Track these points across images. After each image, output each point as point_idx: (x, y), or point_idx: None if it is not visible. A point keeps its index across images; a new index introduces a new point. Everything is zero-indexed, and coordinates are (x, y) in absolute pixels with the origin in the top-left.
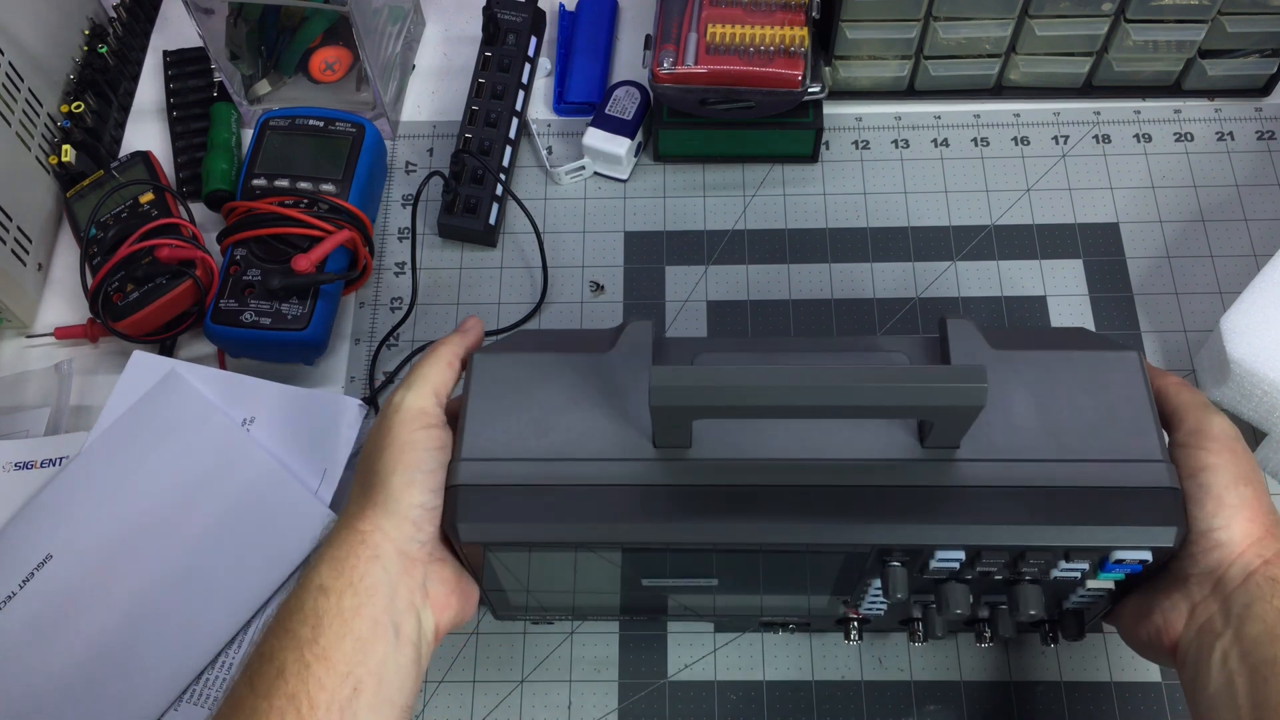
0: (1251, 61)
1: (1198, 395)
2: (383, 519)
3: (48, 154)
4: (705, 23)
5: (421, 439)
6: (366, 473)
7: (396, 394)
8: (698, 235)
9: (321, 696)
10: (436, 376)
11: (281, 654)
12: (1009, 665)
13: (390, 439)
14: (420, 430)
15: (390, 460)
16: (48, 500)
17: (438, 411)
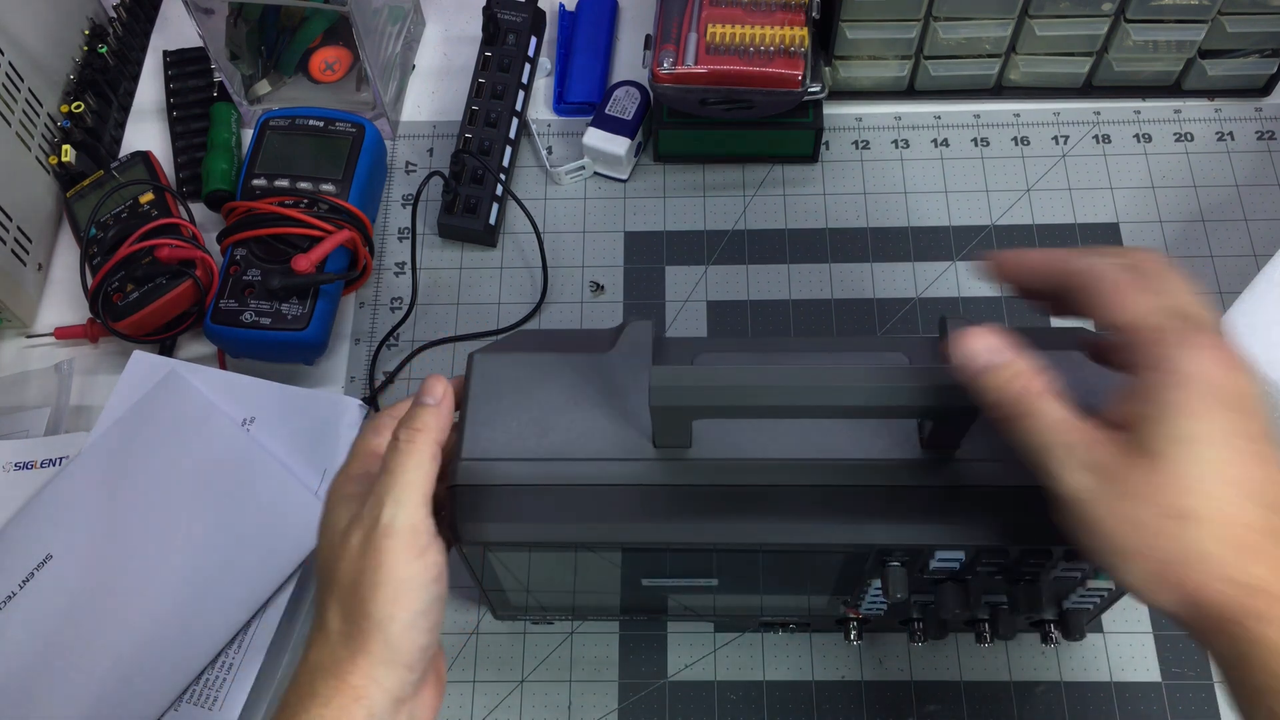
0: (1251, 61)
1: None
2: (378, 669)
3: (48, 154)
4: (705, 23)
5: (419, 572)
6: (352, 609)
7: (383, 510)
8: (698, 235)
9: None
10: (424, 481)
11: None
12: (1009, 665)
13: (384, 575)
14: (417, 560)
15: (386, 602)
16: (48, 500)
17: (430, 525)
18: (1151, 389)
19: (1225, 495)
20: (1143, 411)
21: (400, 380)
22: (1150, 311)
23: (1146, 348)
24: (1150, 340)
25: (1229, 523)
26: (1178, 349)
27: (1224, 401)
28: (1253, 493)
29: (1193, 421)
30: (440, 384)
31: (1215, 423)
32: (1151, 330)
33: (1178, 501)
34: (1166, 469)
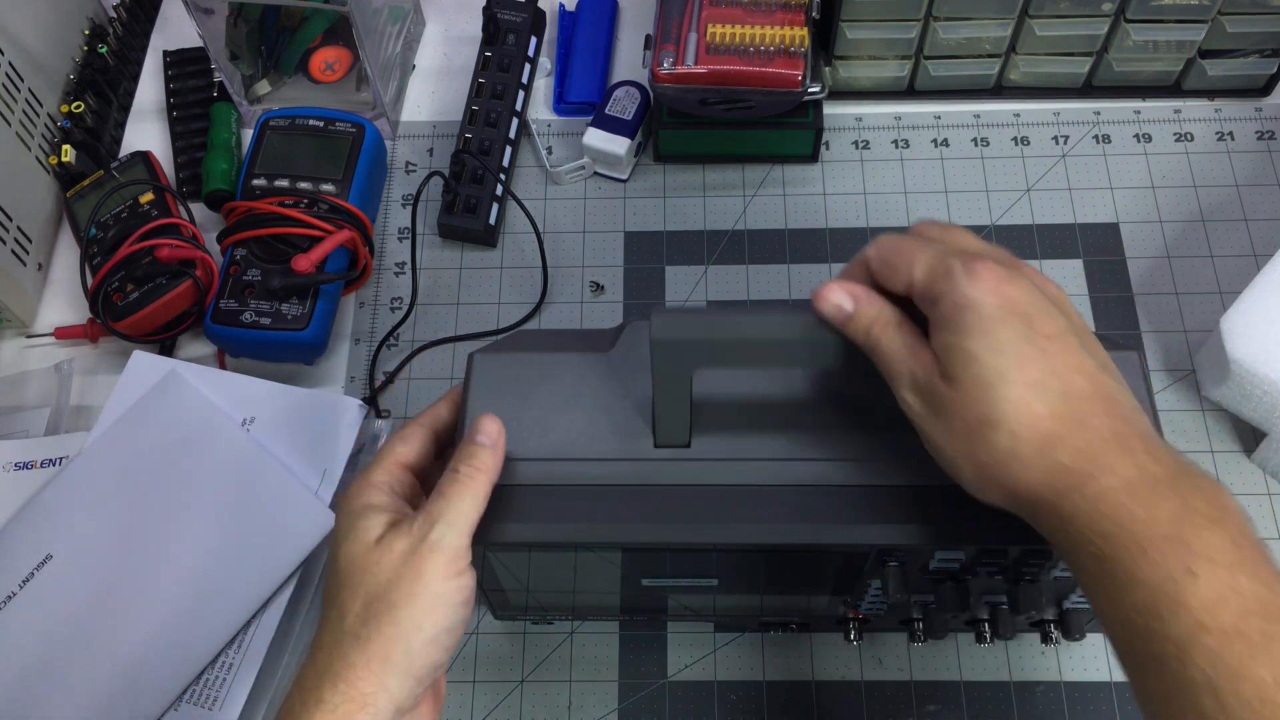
0: (1251, 61)
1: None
2: (391, 678)
3: (48, 154)
4: (705, 23)
5: (453, 591)
6: (379, 614)
7: (434, 529)
8: (698, 235)
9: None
10: (475, 513)
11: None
12: (1009, 665)
13: (422, 586)
14: (454, 579)
15: (419, 612)
16: (48, 500)
17: (469, 554)
18: (943, 320)
19: (1018, 395)
20: (940, 340)
21: (400, 380)
22: (931, 260)
23: (933, 288)
24: (935, 281)
25: (1025, 419)
26: (957, 280)
27: (1002, 314)
28: (1041, 387)
29: (977, 339)
30: (495, 425)
31: (997, 334)
32: (934, 272)
33: (979, 411)
34: (966, 385)
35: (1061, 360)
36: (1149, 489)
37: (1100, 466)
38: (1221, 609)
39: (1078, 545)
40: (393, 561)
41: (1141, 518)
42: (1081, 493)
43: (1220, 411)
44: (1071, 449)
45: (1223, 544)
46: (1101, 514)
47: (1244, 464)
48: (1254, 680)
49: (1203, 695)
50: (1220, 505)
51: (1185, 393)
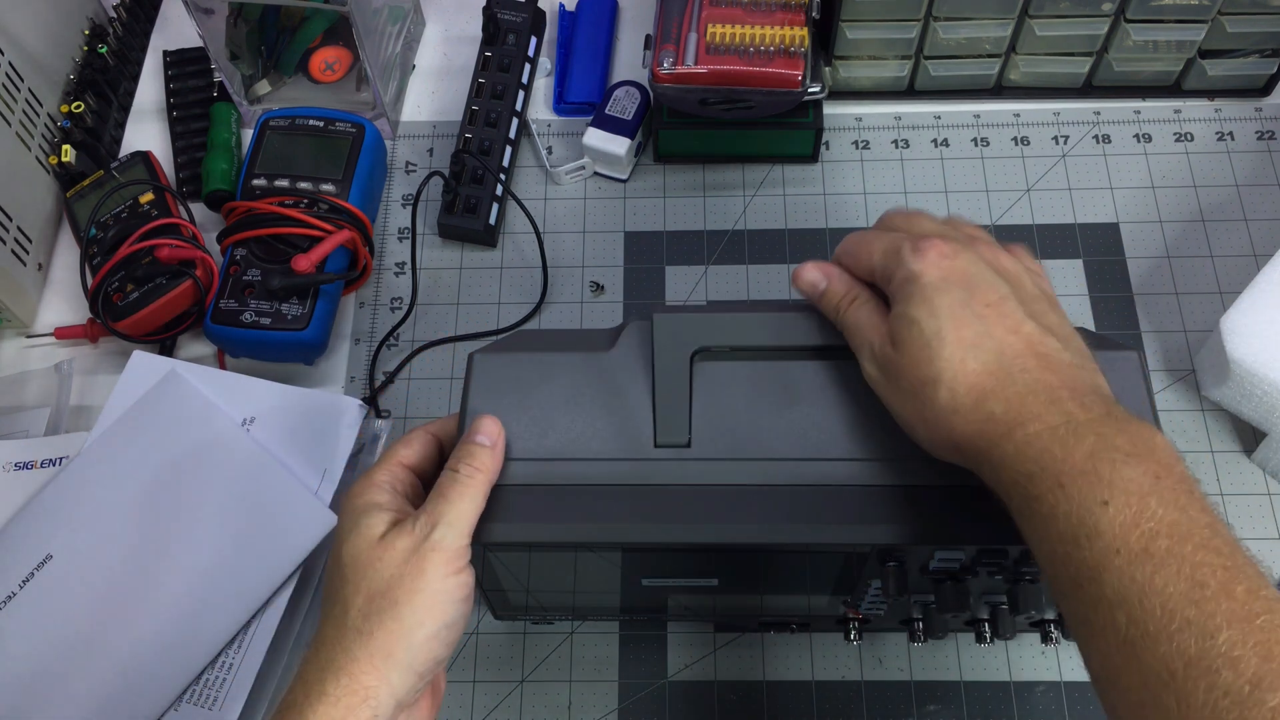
0: (1251, 61)
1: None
2: (394, 673)
3: (48, 154)
4: (705, 23)
5: (454, 588)
6: (381, 610)
7: (435, 529)
8: (698, 235)
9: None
10: (474, 513)
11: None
12: (1009, 665)
13: (424, 583)
14: (454, 576)
15: (421, 608)
16: (48, 500)
17: (469, 553)
18: (893, 294)
19: (954, 355)
20: (892, 312)
21: (400, 380)
22: (886, 244)
23: (887, 268)
24: (888, 261)
25: (960, 375)
26: (905, 258)
27: (942, 284)
28: (975, 346)
29: (918, 306)
30: (495, 425)
31: (936, 302)
32: (888, 254)
33: (923, 371)
34: (911, 349)
35: (998, 323)
36: (1070, 432)
37: (1027, 415)
38: (1130, 532)
39: (1010, 489)
40: (395, 559)
41: (1060, 457)
42: (1011, 439)
43: (1220, 411)
44: (1002, 400)
45: (1138, 476)
46: (1027, 457)
47: (1244, 464)
48: (1161, 594)
49: (1115, 611)
50: (1145, 443)
51: (1185, 393)
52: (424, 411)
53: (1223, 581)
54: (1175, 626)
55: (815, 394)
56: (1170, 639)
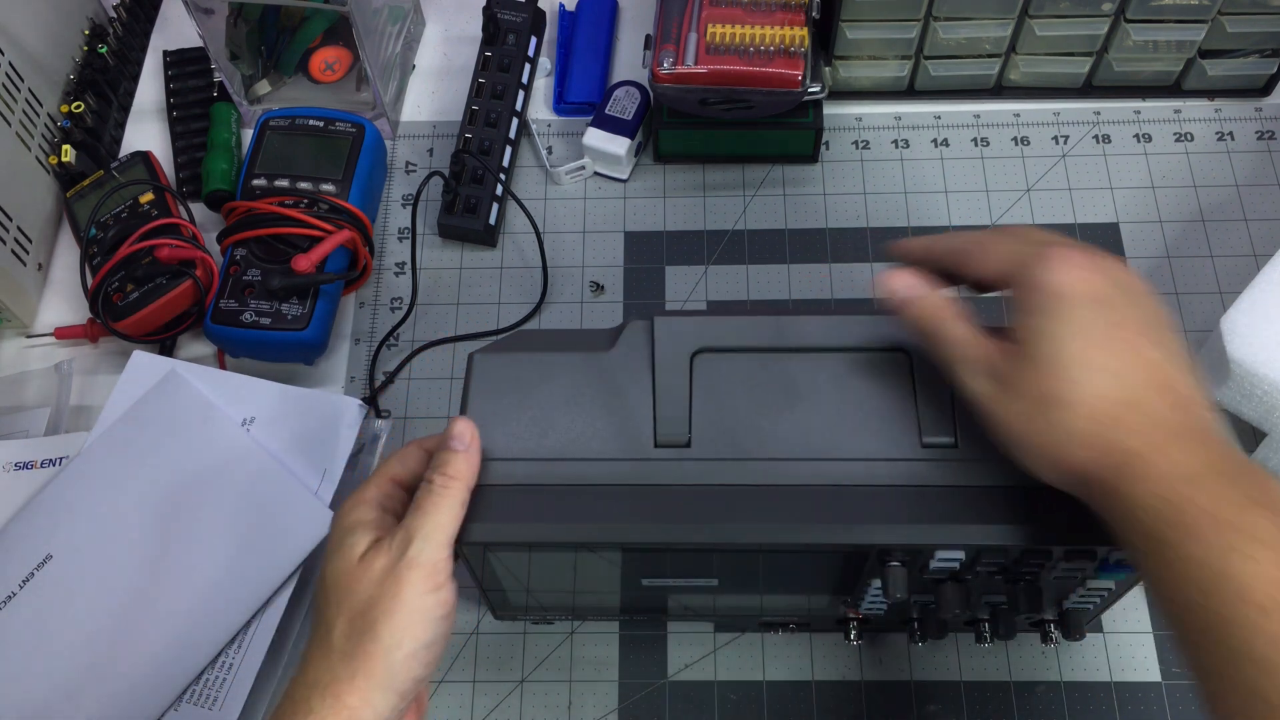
0: (1251, 61)
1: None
2: (375, 693)
3: (48, 154)
4: (705, 23)
5: (432, 606)
6: (360, 630)
7: (411, 544)
8: (698, 235)
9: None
10: (451, 524)
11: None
12: (1009, 665)
13: (400, 603)
14: (432, 594)
15: (399, 629)
16: (48, 500)
17: (449, 566)
18: (1023, 304)
19: (1087, 378)
20: (1020, 324)
21: (400, 380)
22: (1013, 248)
23: (1016, 274)
24: (1018, 268)
25: (1091, 400)
26: (1037, 266)
27: (1081, 300)
28: (1111, 371)
29: (1055, 321)
30: (468, 428)
31: (1075, 319)
32: (1017, 259)
33: (1049, 390)
34: (1039, 365)
35: (1131, 347)
36: (1211, 477)
37: (1155, 449)
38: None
39: (1129, 522)
40: (373, 578)
41: (1202, 505)
42: (1135, 472)
43: (1220, 411)
44: (1129, 430)
45: (1270, 526)
46: (1153, 493)
47: None
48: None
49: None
50: (1268, 491)
51: None
52: (424, 411)
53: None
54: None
55: (815, 394)
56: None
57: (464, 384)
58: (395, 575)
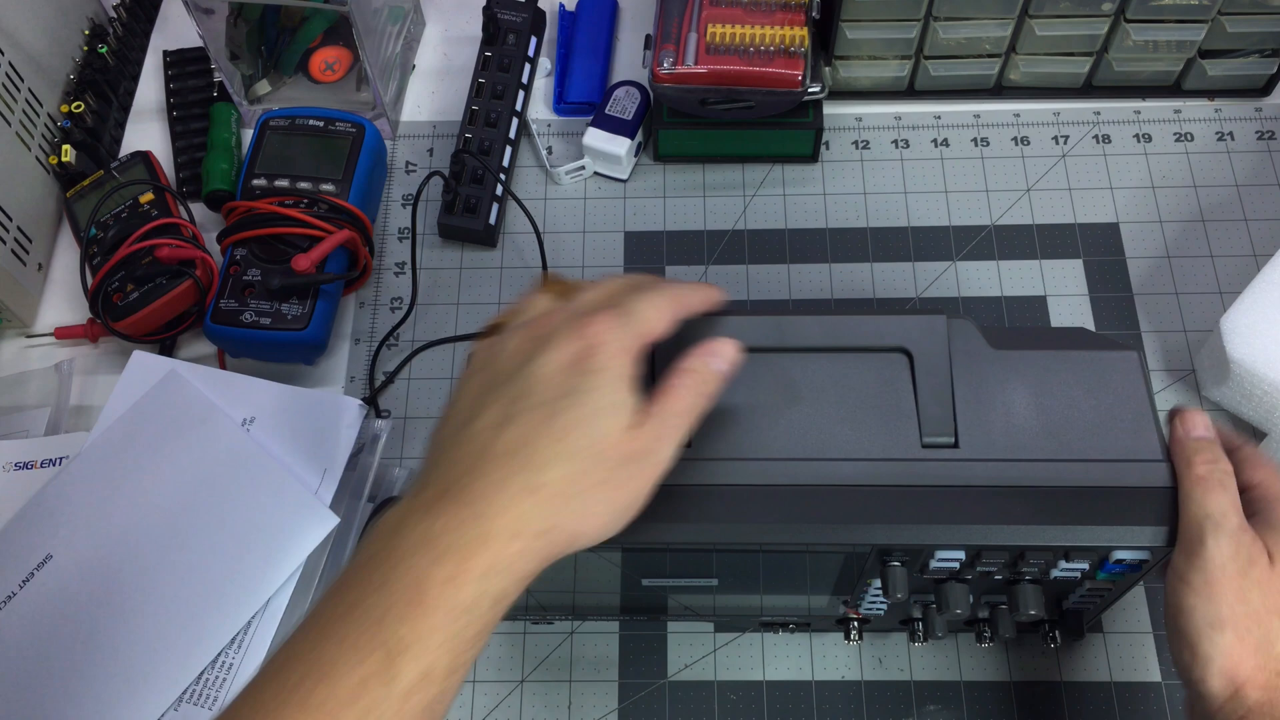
0: (1251, 61)
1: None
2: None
3: (48, 154)
4: (705, 23)
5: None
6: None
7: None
8: (698, 235)
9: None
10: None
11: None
12: (1009, 665)
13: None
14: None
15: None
16: (48, 500)
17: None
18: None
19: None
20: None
21: (400, 380)
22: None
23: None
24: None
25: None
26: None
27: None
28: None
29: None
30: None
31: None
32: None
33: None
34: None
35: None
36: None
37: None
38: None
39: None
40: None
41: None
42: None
43: (1220, 411)
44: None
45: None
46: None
47: None
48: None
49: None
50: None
51: (1185, 393)
52: (424, 411)
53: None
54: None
55: (815, 394)
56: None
57: None
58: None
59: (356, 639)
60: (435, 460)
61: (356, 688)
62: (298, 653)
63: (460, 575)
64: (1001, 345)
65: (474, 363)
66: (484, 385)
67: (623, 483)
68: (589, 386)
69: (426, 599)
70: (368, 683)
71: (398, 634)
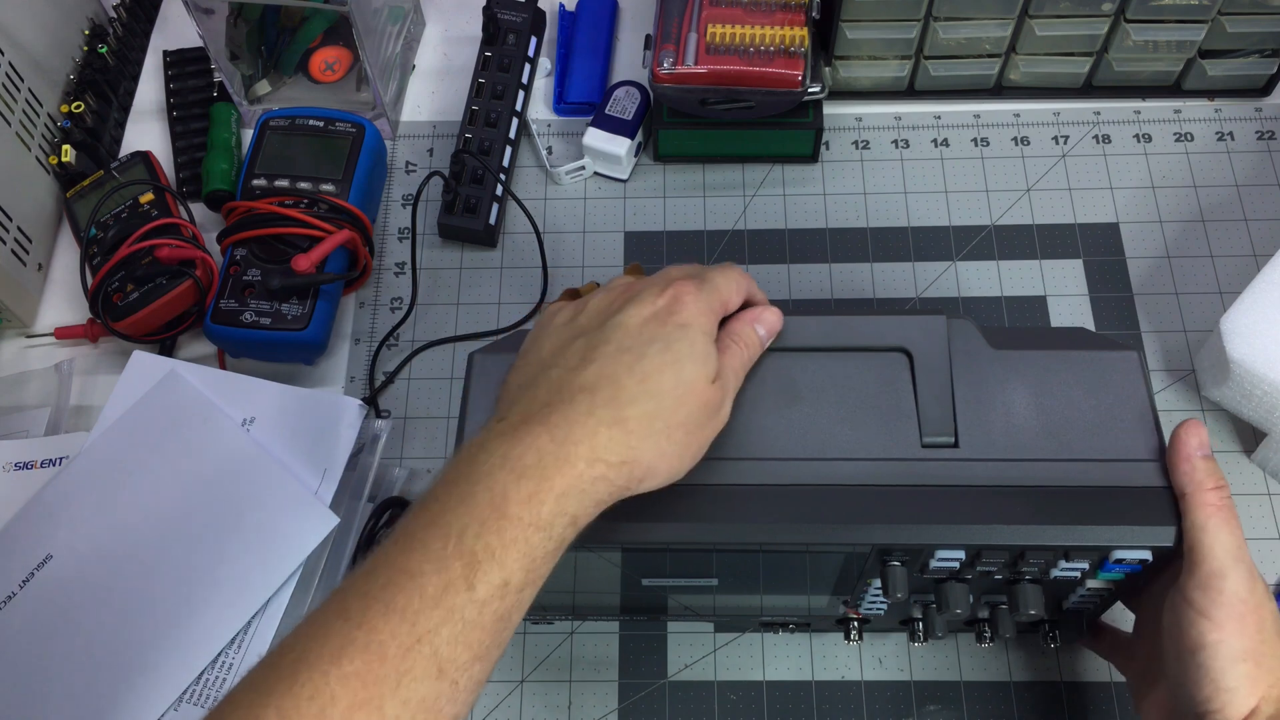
0: (1251, 61)
1: (1225, 536)
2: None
3: (48, 154)
4: (705, 23)
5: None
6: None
7: (727, 405)
8: (698, 235)
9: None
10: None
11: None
12: (1009, 665)
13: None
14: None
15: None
16: (48, 500)
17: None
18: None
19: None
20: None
21: (400, 380)
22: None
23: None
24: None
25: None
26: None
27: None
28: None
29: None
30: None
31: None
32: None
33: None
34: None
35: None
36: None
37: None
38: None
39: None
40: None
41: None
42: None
43: (1220, 411)
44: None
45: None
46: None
47: (1244, 464)
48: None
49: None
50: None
51: (1185, 393)
52: (424, 411)
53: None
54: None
55: (815, 394)
56: None
57: (464, 384)
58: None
59: (441, 548)
60: (513, 398)
61: (439, 593)
62: (384, 561)
63: (540, 493)
64: (1001, 345)
65: (553, 319)
66: (567, 336)
67: (695, 430)
68: (676, 337)
69: (507, 514)
70: (450, 588)
71: (478, 546)
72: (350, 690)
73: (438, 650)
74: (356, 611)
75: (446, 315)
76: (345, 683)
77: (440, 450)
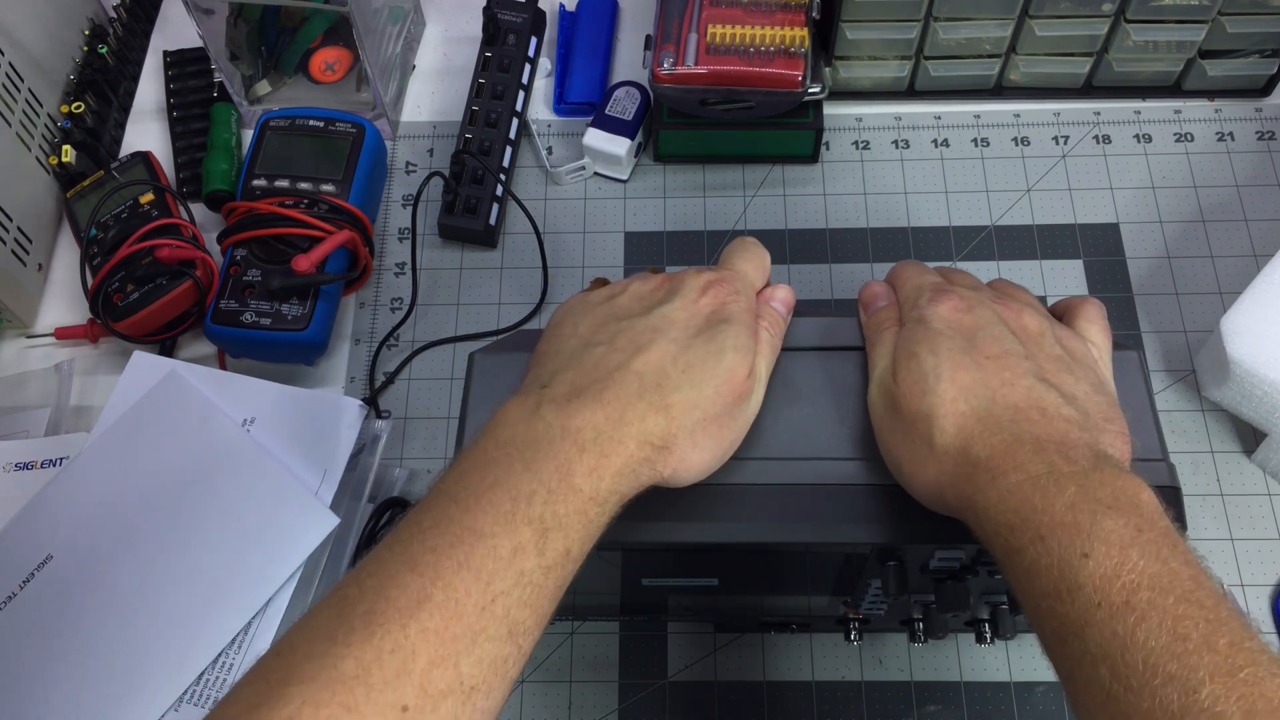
0: (1251, 61)
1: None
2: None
3: (48, 154)
4: (705, 23)
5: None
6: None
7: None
8: (698, 235)
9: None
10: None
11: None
12: (1009, 665)
13: (728, 443)
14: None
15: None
16: (48, 500)
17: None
18: (903, 331)
19: (947, 394)
20: (897, 344)
21: (400, 380)
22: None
23: (908, 302)
24: (911, 296)
25: (951, 415)
26: (924, 300)
27: (949, 330)
28: (969, 391)
29: (923, 344)
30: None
31: (940, 344)
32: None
33: (916, 405)
34: (908, 381)
35: (996, 374)
36: (1052, 482)
37: (1010, 464)
38: (1111, 584)
39: (992, 540)
40: (740, 394)
41: (1040, 508)
42: (992, 487)
43: (1220, 411)
44: (985, 446)
45: (1119, 528)
46: (1008, 507)
47: (1244, 464)
48: (1143, 648)
49: (1099, 666)
50: (1128, 496)
51: (1185, 393)
52: (424, 412)
53: (1205, 634)
54: (1158, 681)
55: (815, 393)
56: (1153, 694)
57: (464, 384)
58: (748, 411)
59: (510, 511)
60: (554, 368)
61: (512, 554)
62: (444, 518)
63: (600, 469)
64: None
65: (585, 298)
66: (606, 317)
67: (728, 422)
68: (722, 331)
69: (573, 484)
70: (520, 551)
71: (546, 513)
72: (430, 646)
73: (509, 612)
74: (427, 566)
75: (446, 315)
76: (425, 638)
77: (440, 450)
